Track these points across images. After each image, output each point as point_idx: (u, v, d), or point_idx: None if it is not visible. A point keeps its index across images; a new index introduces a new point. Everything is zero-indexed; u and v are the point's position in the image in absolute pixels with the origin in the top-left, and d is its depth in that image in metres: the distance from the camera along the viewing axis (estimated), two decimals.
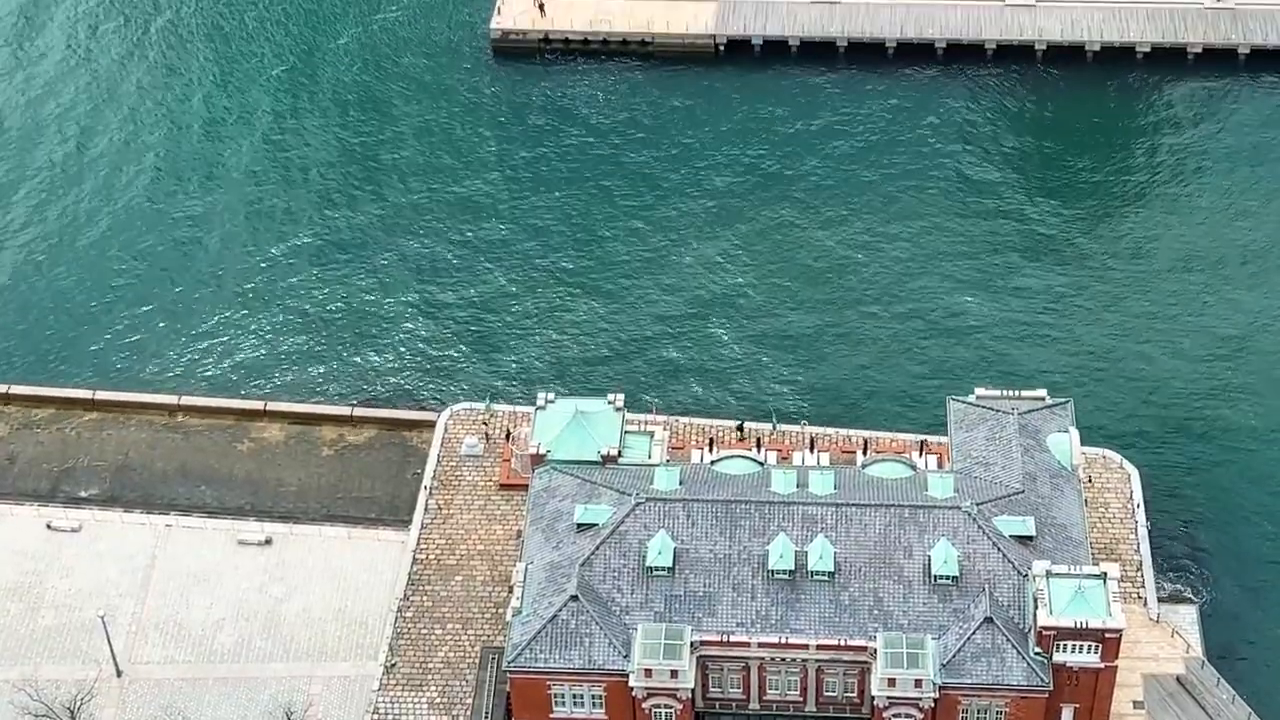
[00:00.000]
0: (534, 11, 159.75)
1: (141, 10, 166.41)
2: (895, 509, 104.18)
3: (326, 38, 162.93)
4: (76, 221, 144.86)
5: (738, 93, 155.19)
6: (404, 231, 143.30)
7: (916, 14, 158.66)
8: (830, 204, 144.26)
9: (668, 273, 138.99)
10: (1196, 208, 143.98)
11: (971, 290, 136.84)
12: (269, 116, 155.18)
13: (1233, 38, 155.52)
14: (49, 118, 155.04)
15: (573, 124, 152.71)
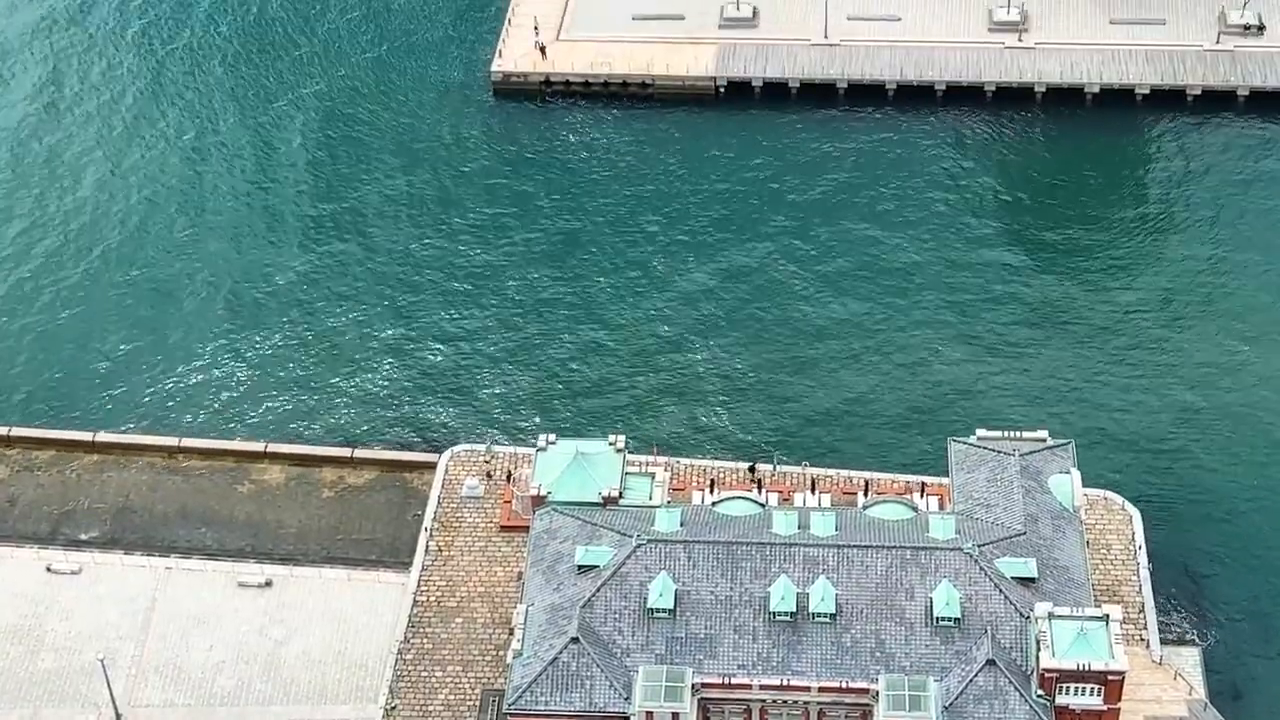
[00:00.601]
0: (535, 54, 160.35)
1: (140, 44, 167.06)
2: (897, 550, 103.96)
3: (328, 77, 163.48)
4: (75, 263, 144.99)
5: (738, 134, 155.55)
6: (404, 272, 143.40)
7: (916, 56, 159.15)
8: (831, 246, 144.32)
9: (668, 314, 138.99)
10: (1197, 249, 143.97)
11: (972, 331, 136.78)
12: (267, 155, 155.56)
13: (1231, 80, 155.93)
14: (41, 158, 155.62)
15: (573, 165, 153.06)
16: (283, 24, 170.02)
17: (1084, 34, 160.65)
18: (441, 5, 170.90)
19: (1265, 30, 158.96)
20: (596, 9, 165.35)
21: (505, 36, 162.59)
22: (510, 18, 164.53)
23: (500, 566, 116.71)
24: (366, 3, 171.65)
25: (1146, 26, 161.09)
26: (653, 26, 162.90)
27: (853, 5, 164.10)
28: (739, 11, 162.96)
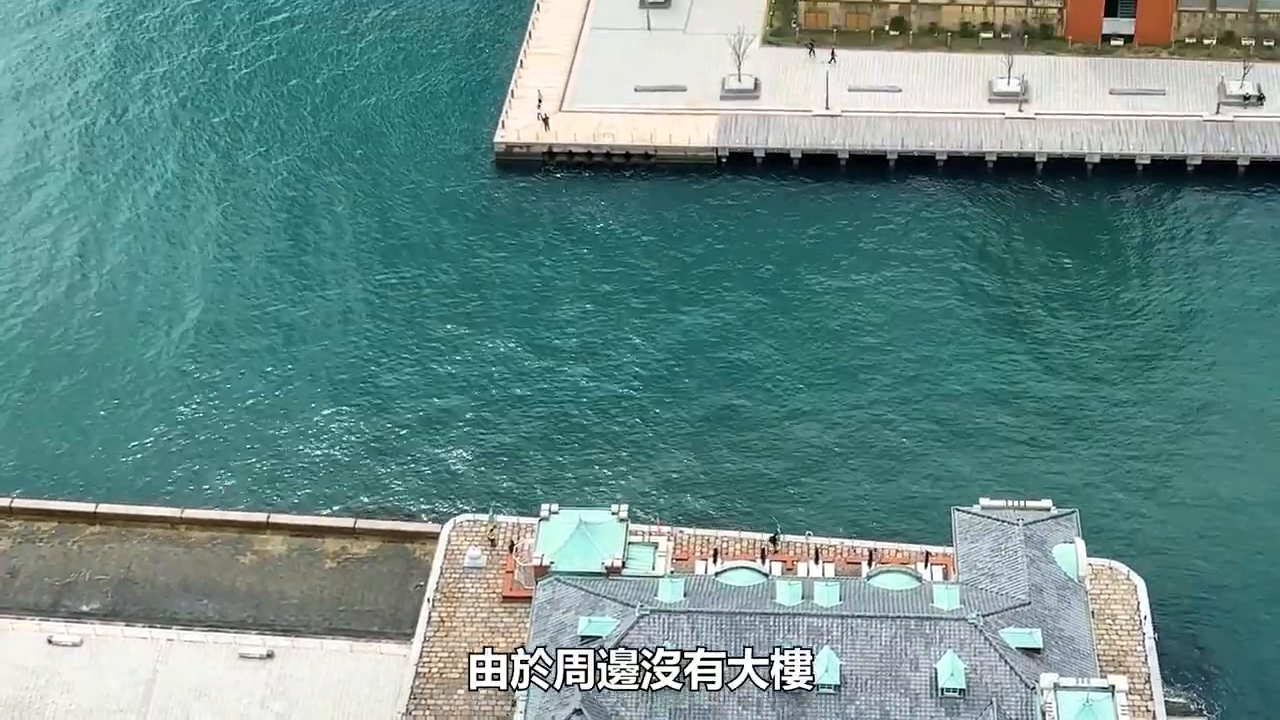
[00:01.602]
0: (538, 125, 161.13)
1: (135, 115, 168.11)
2: (901, 621, 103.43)
3: (328, 146, 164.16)
4: (78, 332, 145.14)
5: (739, 204, 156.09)
6: (405, 344, 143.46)
7: (917, 126, 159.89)
8: (831, 314, 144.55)
9: (669, 383, 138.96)
10: (1198, 319, 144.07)
11: (973, 401, 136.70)
12: (268, 227, 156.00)
13: (1232, 150, 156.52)
14: (37, 224, 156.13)
15: (575, 234, 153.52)
16: (282, 94, 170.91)
17: (1084, 104, 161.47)
18: (444, 77, 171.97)
19: (1265, 100, 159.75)
20: (599, 81, 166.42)
21: (508, 108, 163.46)
22: (513, 89, 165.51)
23: (503, 637, 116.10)
24: (368, 74, 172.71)
25: (1146, 97, 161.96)
26: (655, 98, 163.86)
27: (853, 77, 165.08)
28: (740, 83, 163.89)
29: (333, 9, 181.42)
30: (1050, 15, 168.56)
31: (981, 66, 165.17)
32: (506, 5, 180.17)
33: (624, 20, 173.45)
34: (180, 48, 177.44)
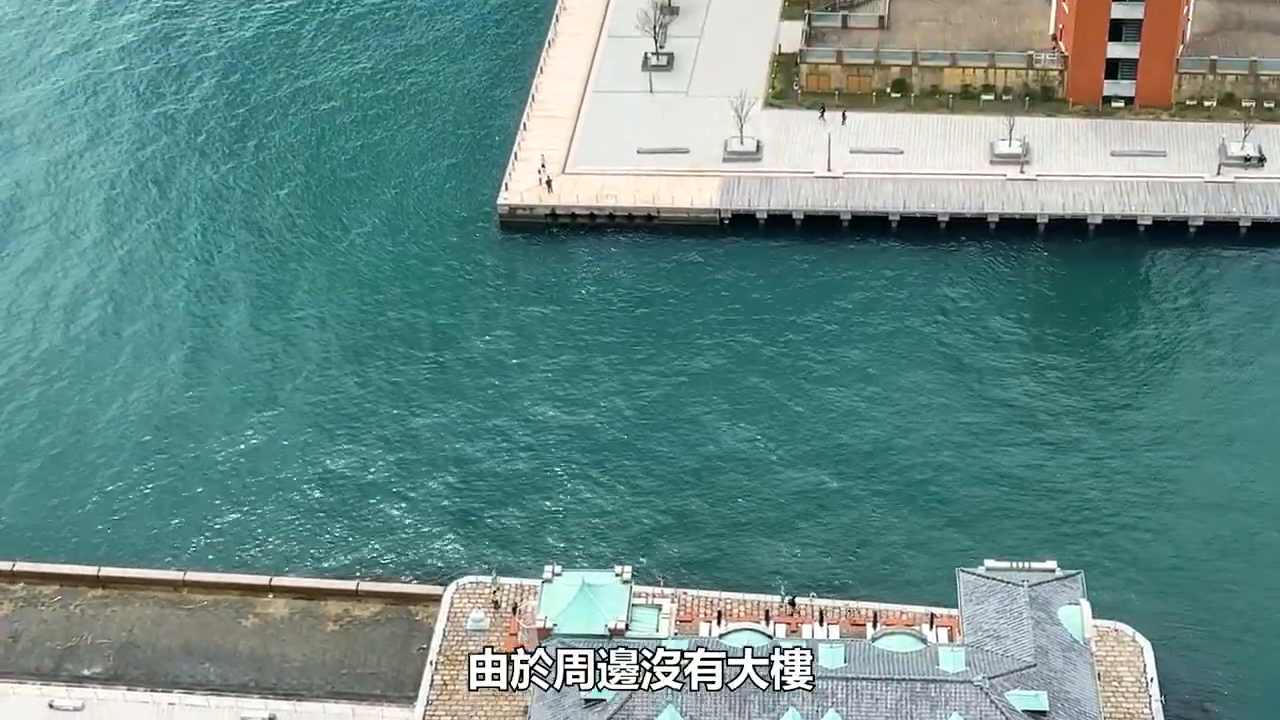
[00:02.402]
0: (541, 187, 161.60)
1: (144, 173, 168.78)
2: (907, 683, 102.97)
3: (331, 208, 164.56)
4: (77, 398, 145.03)
5: (742, 265, 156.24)
6: (409, 404, 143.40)
7: (919, 188, 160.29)
8: (833, 374, 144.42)
9: (671, 443, 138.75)
10: (1201, 377, 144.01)
11: (977, 462, 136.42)
12: (267, 287, 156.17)
13: (1233, 211, 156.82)
14: (37, 289, 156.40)
15: (578, 296, 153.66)
16: (282, 156, 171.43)
17: (1086, 166, 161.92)
18: (447, 140, 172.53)
19: (1265, 162, 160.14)
20: (602, 143, 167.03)
21: (511, 170, 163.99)
22: (516, 152, 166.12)
23: (506, 701, 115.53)
24: (371, 136, 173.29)
25: (1147, 158, 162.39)
26: (658, 160, 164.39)
27: (855, 138, 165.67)
28: (743, 145, 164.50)
29: (333, 74, 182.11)
30: (1051, 77, 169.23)
31: (983, 128, 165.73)
32: (509, 68, 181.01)
33: (626, 83, 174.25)
34: (174, 107, 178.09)
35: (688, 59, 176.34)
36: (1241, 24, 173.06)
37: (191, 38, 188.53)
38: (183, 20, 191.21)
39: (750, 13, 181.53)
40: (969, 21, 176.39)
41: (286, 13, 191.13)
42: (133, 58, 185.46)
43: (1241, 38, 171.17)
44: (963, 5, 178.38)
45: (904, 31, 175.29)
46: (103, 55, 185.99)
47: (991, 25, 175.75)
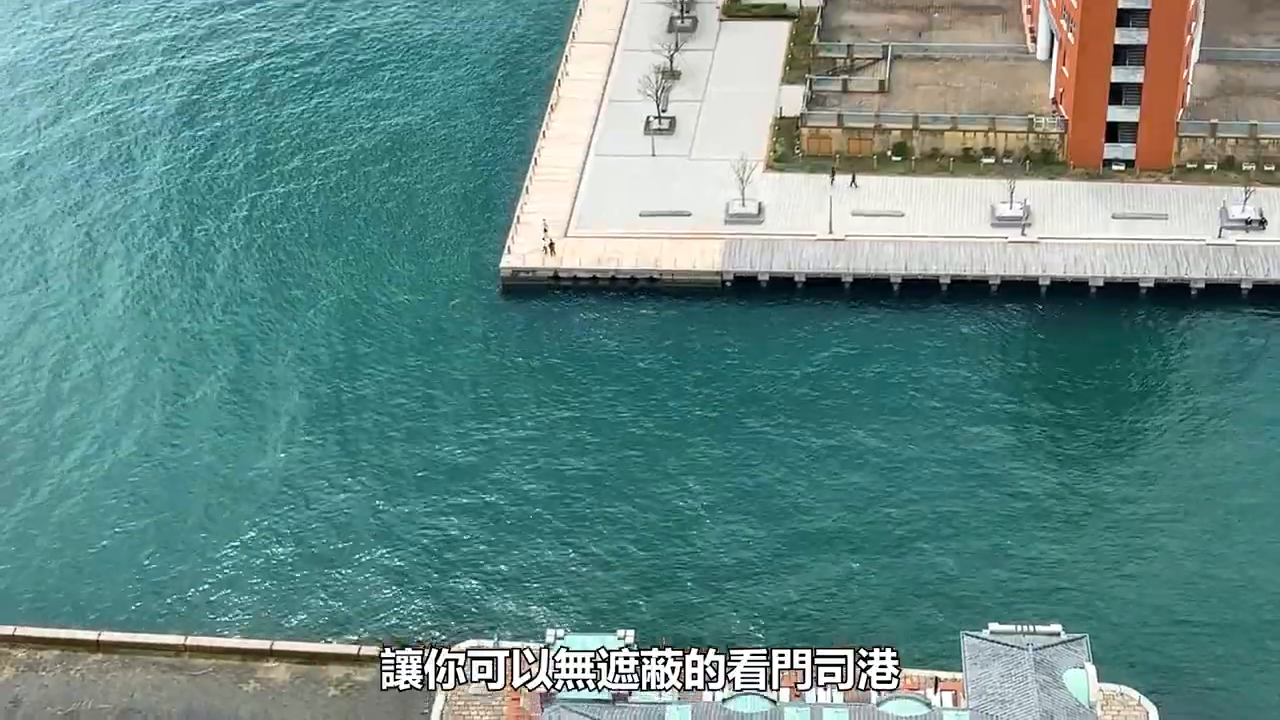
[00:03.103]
0: (543, 251, 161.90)
1: (139, 232, 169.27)
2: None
3: (333, 273, 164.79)
4: (79, 460, 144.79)
5: (744, 327, 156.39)
6: (409, 469, 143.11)
7: (920, 250, 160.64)
8: (834, 438, 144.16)
9: (675, 505, 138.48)
10: (1203, 440, 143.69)
11: (979, 525, 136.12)
12: (272, 350, 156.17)
13: (1235, 274, 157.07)
14: (28, 346, 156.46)
15: (580, 359, 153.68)
16: (285, 220, 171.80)
17: (1087, 228, 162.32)
18: (449, 203, 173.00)
19: (1266, 224, 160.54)
20: (604, 206, 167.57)
21: (514, 233, 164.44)
22: (518, 215, 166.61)
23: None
24: (373, 199, 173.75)
25: (1148, 221, 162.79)
26: (660, 222, 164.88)
27: (856, 201, 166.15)
28: (744, 208, 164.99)
29: (335, 138, 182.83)
30: (1051, 141, 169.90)
31: (984, 191, 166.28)
32: (511, 132, 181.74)
33: (628, 147, 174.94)
34: (178, 167, 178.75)
35: (689, 123, 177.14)
36: (1241, 89, 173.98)
37: (193, 99, 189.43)
38: (185, 80, 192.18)
39: (751, 77, 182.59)
40: (969, 85, 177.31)
41: (289, 81, 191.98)
42: (123, 118, 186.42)
43: (1241, 102, 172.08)
44: (963, 69, 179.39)
45: (904, 95, 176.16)
46: (89, 114, 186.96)
47: (991, 89, 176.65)
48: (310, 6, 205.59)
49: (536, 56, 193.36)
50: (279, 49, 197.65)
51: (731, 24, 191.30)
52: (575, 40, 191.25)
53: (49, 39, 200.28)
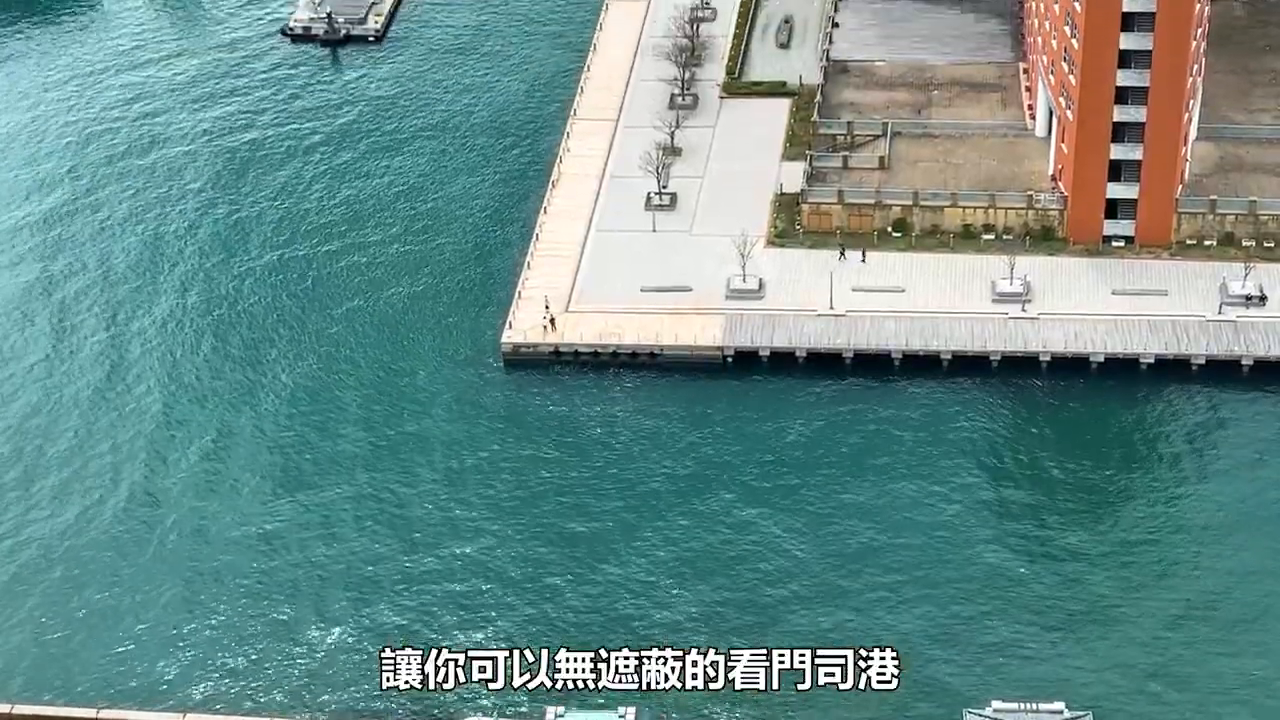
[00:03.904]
0: (545, 325, 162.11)
1: (131, 325, 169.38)
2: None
3: (335, 347, 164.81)
4: (64, 532, 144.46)
5: (745, 403, 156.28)
6: (410, 541, 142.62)
7: (921, 326, 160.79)
8: (835, 515, 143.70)
9: (676, 584, 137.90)
10: (1205, 520, 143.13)
11: (978, 601, 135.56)
12: (267, 421, 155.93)
13: (1235, 350, 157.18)
14: (14, 413, 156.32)
15: (581, 434, 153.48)
16: (288, 292, 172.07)
17: (1087, 304, 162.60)
18: (451, 278, 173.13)
19: (1267, 301, 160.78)
20: (605, 281, 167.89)
21: (515, 309, 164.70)
22: (520, 290, 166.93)
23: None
24: (375, 273, 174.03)
25: (1149, 297, 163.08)
26: (661, 298, 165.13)
27: (857, 277, 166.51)
28: (745, 283, 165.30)
29: (336, 215, 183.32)
30: (1051, 217, 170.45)
31: (984, 267, 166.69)
32: (512, 207, 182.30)
33: (630, 222, 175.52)
34: (183, 241, 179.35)
35: (690, 198, 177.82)
36: (1240, 165, 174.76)
37: (192, 174, 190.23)
38: (184, 157, 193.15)
39: (752, 153, 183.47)
40: (969, 161, 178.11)
41: (290, 158, 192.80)
42: (115, 192, 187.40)
43: (1240, 179, 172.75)
44: (962, 145, 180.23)
45: (904, 171, 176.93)
46: (81, 185, 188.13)
47: (991, 165, 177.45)
48: (311, 84, 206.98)
49: (538, 132, 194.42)
50: (280, 120, 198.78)
51: (732, 101, 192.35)
52: (577, 117, 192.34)
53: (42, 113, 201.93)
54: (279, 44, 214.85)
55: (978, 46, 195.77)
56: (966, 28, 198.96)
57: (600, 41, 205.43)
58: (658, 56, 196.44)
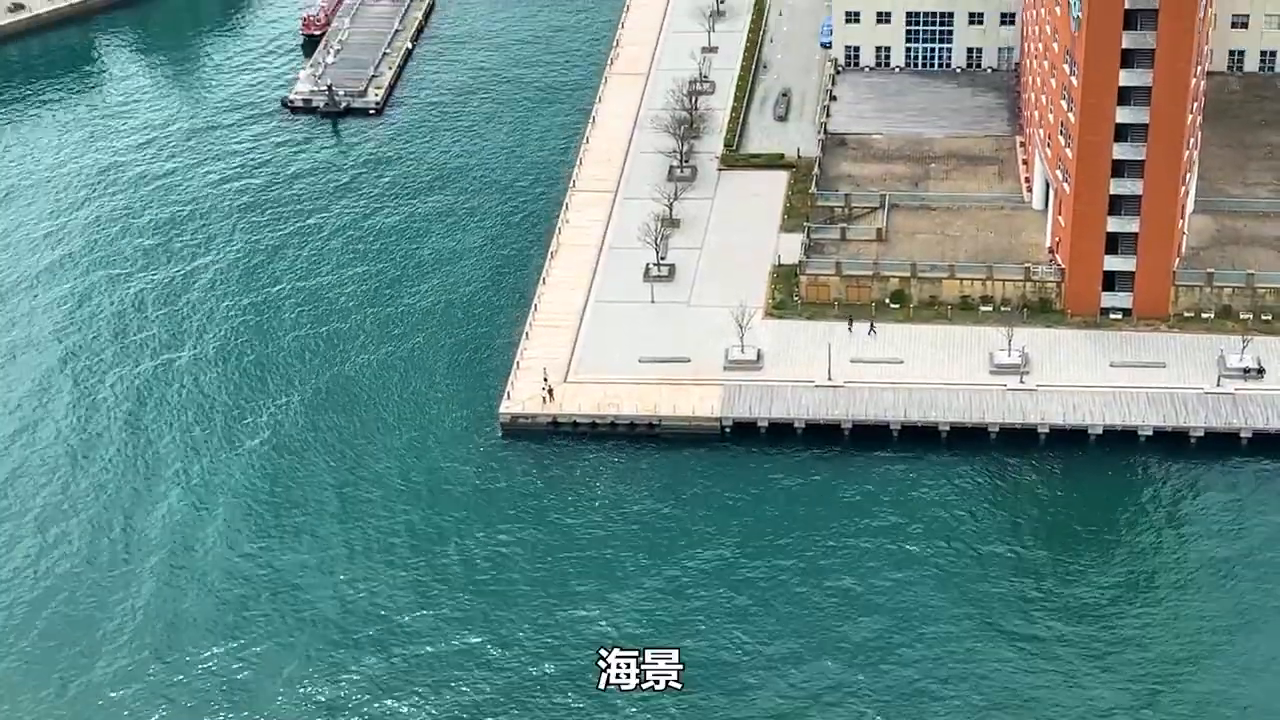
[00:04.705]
0: (543, 396, 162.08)
1: (133, 368, 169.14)
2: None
3: (333, 419, 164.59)
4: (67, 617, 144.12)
5: (743, 474, 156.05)
6: (408, 623, 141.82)
7: (919, 397, 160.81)
8: (832, 588, 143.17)
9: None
10: (1201, 593, 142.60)
11: (975, 684, 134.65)
12: (265, 492, 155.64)
13: (1234, 422, 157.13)
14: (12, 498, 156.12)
15: (580, 505, 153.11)
16: (288, 362, 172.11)
17: (1085, 376, 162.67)
18: (450, 349, 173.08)
19: (1265, 374, 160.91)
20: (604, 352, 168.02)
21: (513, 379, 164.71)
22: (519, 360, 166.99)
23: None
24: (375, 344, 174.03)
25: (1147, 369, 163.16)
26: (659, 369, 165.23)
27: (855, 348, 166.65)
28: (743, 354, 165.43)
29: (335, 280, 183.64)
30: (1049, 289, 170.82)
31: (982, 338, 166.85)
32: (511, 278, 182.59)
33: (628, 293, 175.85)
34: (180, 307, 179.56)
35: (689, 270, 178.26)
36: (1237, 238, 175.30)
37: (192, 251, 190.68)
38: (182, 227, 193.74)
39: (750, 225, 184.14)
40: (966, 233, 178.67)
41: (290, 229, 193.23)
42: (118, 273, 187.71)
43: (1237, 252, 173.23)
44: (959, 218, 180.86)
45: (902, 243, 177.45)
46: (78, 262, 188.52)
47: (988, 237, 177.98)
48: (311, 156, 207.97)
49: (537, 203, 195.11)
50: (281, 191, 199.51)
51: (730, 173, 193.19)
52: (576, 188, 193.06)
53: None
54: (280, 116, 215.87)
55: (974, 120, 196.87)
56: (963, 101, 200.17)
57: (599, 113, 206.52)
58: (656, 128, 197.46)
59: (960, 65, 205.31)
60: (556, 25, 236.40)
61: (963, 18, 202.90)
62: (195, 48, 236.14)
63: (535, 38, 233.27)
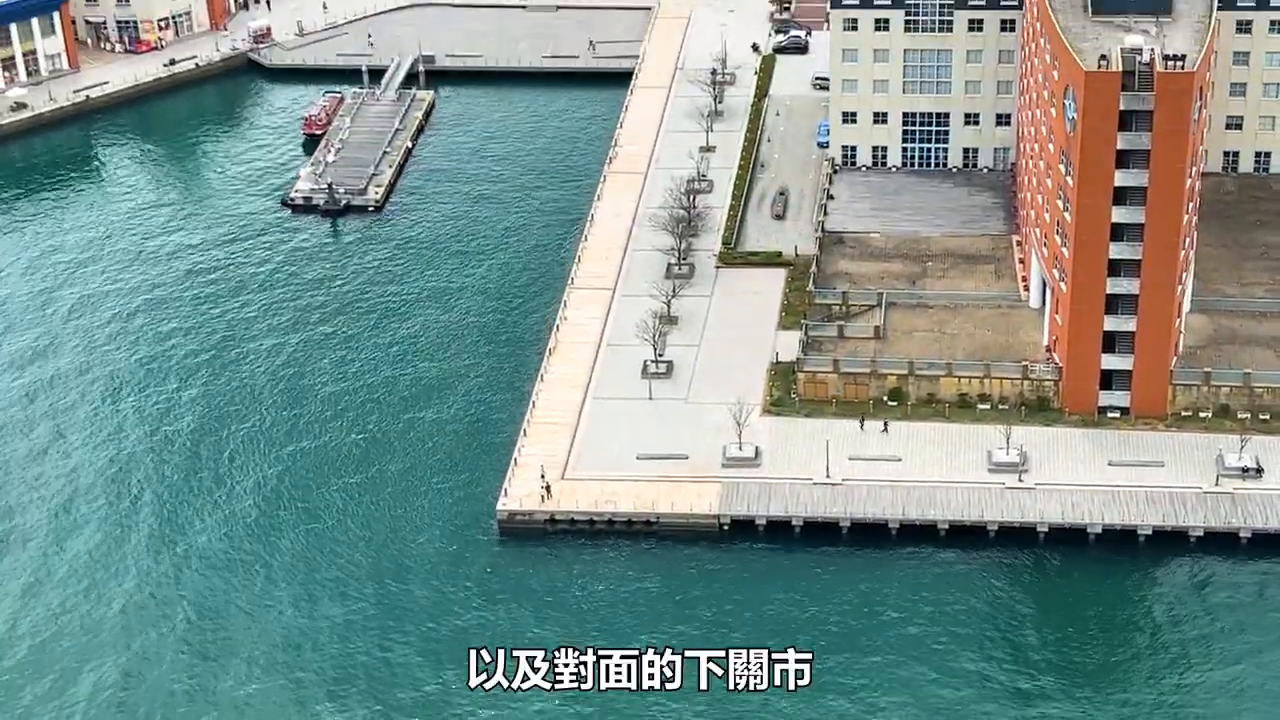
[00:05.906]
0: (541, 493, 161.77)
1: (127, 454, 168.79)
2: None
3: (330, 518, 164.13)
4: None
5: (741, 572, 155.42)
6: (406, 712, 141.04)
7: (918, 495, 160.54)
8: (830, 686, 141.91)
9: None
10: (1200, 695, 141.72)
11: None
12: (259, 591, 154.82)
13: (1233, 522, 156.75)
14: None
15: (577, 604, 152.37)
16: (282, 463, 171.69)
17: (1084, 475, 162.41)
18: (447, 446, 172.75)
19: (1264, 473, 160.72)
20: (601, 450, 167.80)
21: (511, 476, 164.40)
22: (516, 458, 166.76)
23: None
24: (370, 441, 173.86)
25: (1145, 468, 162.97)
26: (657, 466, 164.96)
27: (853, 445, 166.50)
28: (741, 451, 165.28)
29: (332, 381, 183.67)
30: (1047, 387, 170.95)
31: (980, 437, 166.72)
32: (509, 375, 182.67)
33: (626, 390, 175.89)
34: (180, 407, 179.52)
35: (687, 367, 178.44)
36: (1234, 338, 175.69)
37: (189, 341, 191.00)
38: (181, 324, 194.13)
39: (748, 322, 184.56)
40: (963, 331, 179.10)
41: (288, 327, 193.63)
42: (113, 366, 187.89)
43: (1234, 351, 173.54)
44: (957, 316, 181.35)
45: (900, 341, 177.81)
46: (73, 348, 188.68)
47: (986, 336, 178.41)
48: (311, 254, 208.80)
49: (535, 300, 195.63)
50: (280, 289, 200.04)
51: (728, 271, 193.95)
52: (574, 285, 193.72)
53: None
54: (280, 214, 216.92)
55: (971, 219, 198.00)
56: (960, 200, 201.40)
57: (598, 212, 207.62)
58: (655, 226, 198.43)
59: (956, 165, 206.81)
60: (556, 124, 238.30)
61: (958, 119, 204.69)
62: (196, 147, 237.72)
63: (535, 136, 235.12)
